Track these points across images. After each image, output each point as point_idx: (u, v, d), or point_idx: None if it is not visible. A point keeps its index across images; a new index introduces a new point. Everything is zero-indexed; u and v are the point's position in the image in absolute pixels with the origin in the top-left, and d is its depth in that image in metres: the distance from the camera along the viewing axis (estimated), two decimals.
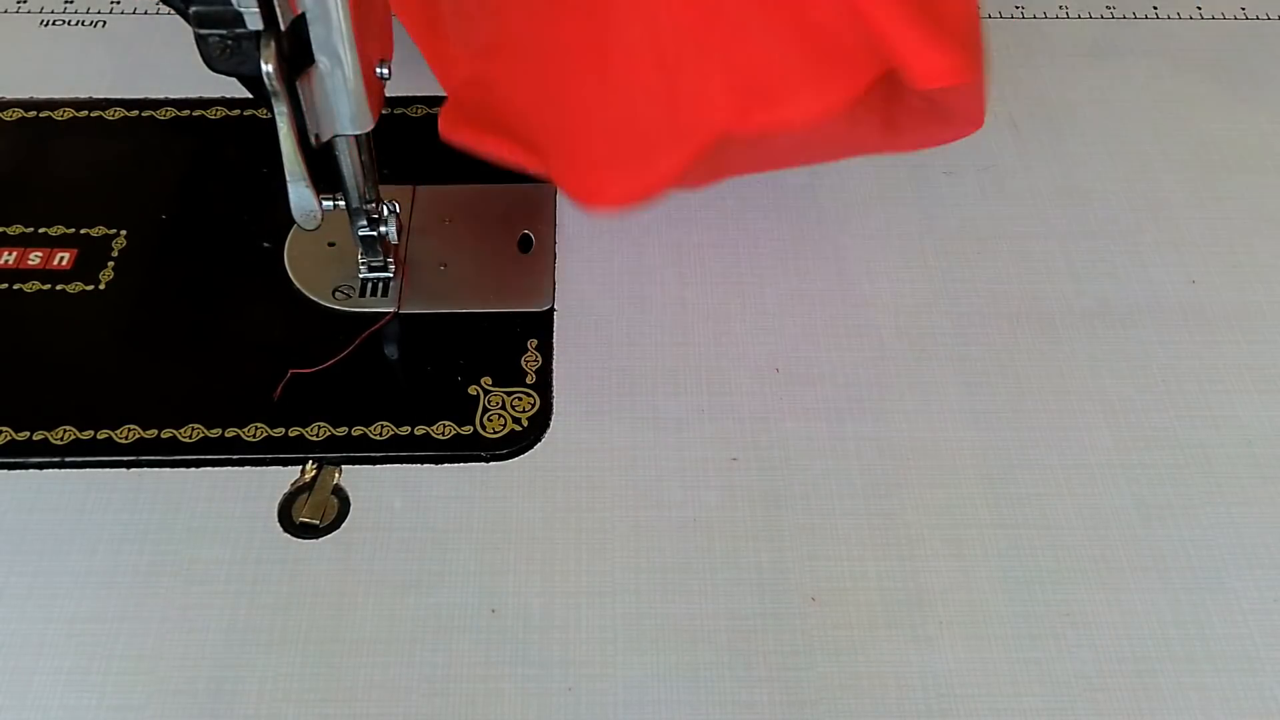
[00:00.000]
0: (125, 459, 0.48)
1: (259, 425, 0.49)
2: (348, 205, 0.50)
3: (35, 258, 0.54)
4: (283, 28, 0.41)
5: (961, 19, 0.44)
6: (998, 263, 0.55)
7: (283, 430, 0.49)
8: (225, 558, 0.46)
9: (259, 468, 0.48)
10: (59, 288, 0.53)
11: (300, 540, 0.46)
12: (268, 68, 0.41)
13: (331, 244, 0.55)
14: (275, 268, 0.54)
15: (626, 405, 0.50)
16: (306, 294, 0.53)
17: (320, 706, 0.42)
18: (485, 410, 0.50)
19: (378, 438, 0.49)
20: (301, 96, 0.43)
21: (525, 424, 0.50)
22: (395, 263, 0.54)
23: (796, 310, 0.53)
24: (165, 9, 0.64)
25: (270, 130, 0.43)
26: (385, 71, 0.45)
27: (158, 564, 0.45)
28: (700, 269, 0.55)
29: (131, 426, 0.49)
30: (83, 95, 0.61)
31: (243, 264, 0.54)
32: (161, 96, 0.61)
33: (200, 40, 0.42)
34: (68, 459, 0.48)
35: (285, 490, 0.47)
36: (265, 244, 0.55)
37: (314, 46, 0.42)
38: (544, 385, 0.51)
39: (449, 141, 0.51)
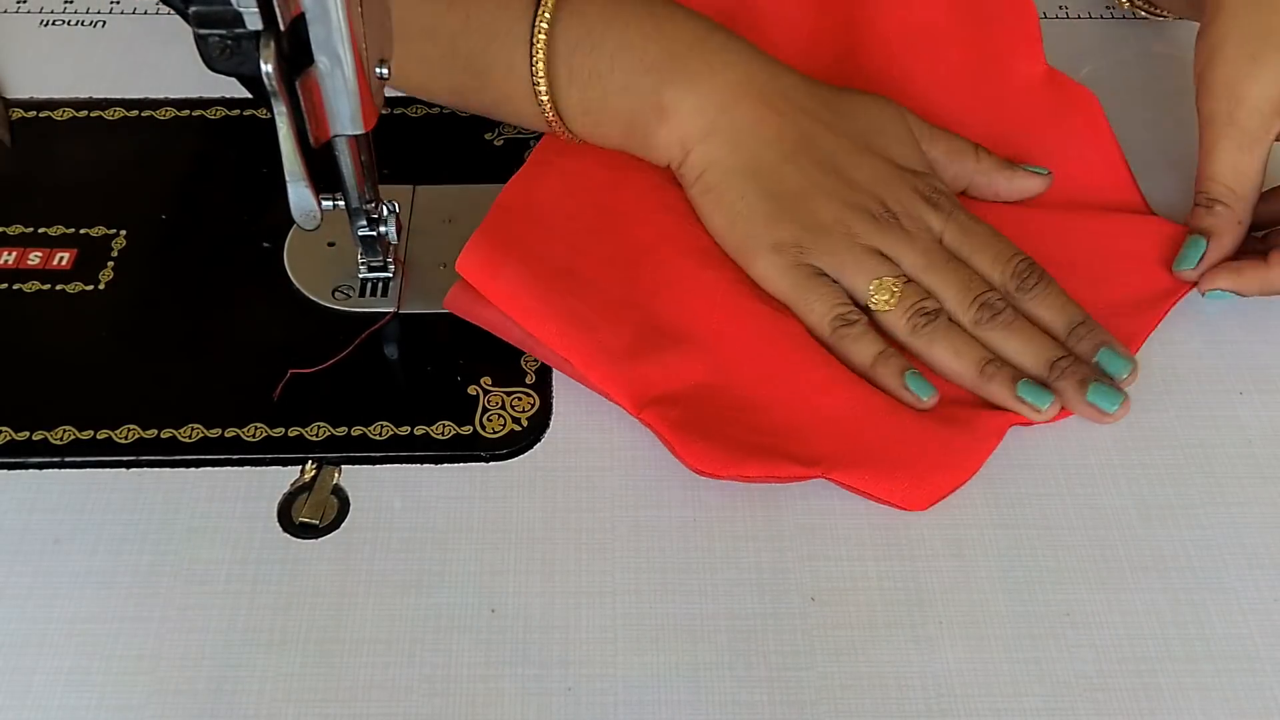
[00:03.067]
0: (125, 459, 0.48)
1: (259, 425, 0.49)
2: (347, 205, 0.50)
3: (35, 258, 0.54)
4: (283, 28, 0.41)
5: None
6: None
7: (283, 430, 0.49)
8: (225, 558, 0.46)
9: (259, 468, 0.48)
10: (59, 288, 0.53)
11: (300, 540, 0.46)
12: (268, 68, 0.41)
13: (331, 244, 0.55)
14: (275, 268, 0.54)
15: None
16: (306, 294, 0.53)
17: (320, 706, 0.42)
18: (485, 410, 0.50)
19: (378, 438, 0.49)
20: (301, 96, 0.43)
21: (525, 424, 0.50)
22: (395, 263, 0.54)
23: None
24: (165, 9, 0.64)
25: (270, 130, 0.43)
26: (385, 71, 0.45)
27: (158, 564, 0.45)
28: None
29: (131, 426, 0.49)
30: (83, 95, 0.61)
31: (243, 264, 0.54)
32: (161, 96, 0.61)
33: (200, 40, 0.41)
34: (68, 459, 0.48)
35: (285, 490, 0.47)
36: (265, 244, 0.55)
37: (314, 46, 0.42)
38: (544, 385, 0.51)
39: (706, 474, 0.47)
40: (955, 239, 0.51)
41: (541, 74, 0.51)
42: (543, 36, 0.51)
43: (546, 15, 0.51)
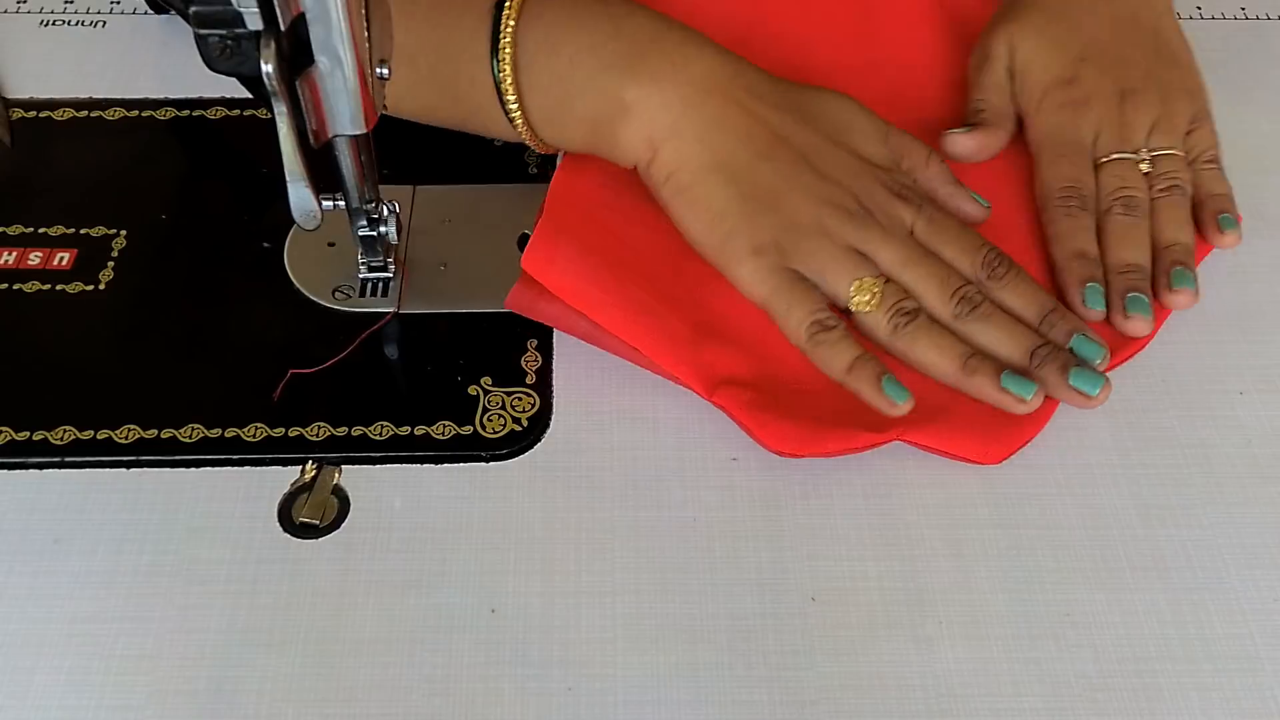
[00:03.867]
0: (125, 459, 0.48)
1: (259, 425, 0.49)
2: (348, 205, 0.50)
3: (35, 258, 0.54)
4: (283, 28, 0.41)
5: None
6: None
7: (283, 430, 0.49)
8: (225, 558, 0.46)
9: (259, 468, 0.48)
10: (59, 288, 0.53)
11: (300, 540, 0.46)
12: (268, 68, 0.41)
13: (331, 244, 0.55)
14: (275, 268, 0.54)
15: (626, 405, 0.50)
16: (306, 294, 0.53)
17: (320, 706, 0.42)
18: (485, 410, 0.50)
19: (378, 438, 0.49)
20: (301, 96, 0.43)
21: (525, 424, 0.50)
22: (395, 263, 0.54)
23: None
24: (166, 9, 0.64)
25: (270, 130, 0.43)
26: (385, 71, 0.45)
27: (158, 564, 0.45)
28: None
29: (131, 426, 0.49)
30: (83, 95, 0.61)
31: (243, 264, 0.54)
32: (161, 96, 0.61)
33: (200, 40, 0.41)
34: (68, 459, 0.48)
35: (285, 490, 0.47)
36: (265, 244, 0.55)
37: (314, 46, 0.42)
38: (544, 385, 0.51)
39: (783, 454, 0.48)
40: (925, 232, 0.51)
41: (509, 84, 0.51)
42: (508, 44, 0.50)
43: (511, 25, 0.50)
